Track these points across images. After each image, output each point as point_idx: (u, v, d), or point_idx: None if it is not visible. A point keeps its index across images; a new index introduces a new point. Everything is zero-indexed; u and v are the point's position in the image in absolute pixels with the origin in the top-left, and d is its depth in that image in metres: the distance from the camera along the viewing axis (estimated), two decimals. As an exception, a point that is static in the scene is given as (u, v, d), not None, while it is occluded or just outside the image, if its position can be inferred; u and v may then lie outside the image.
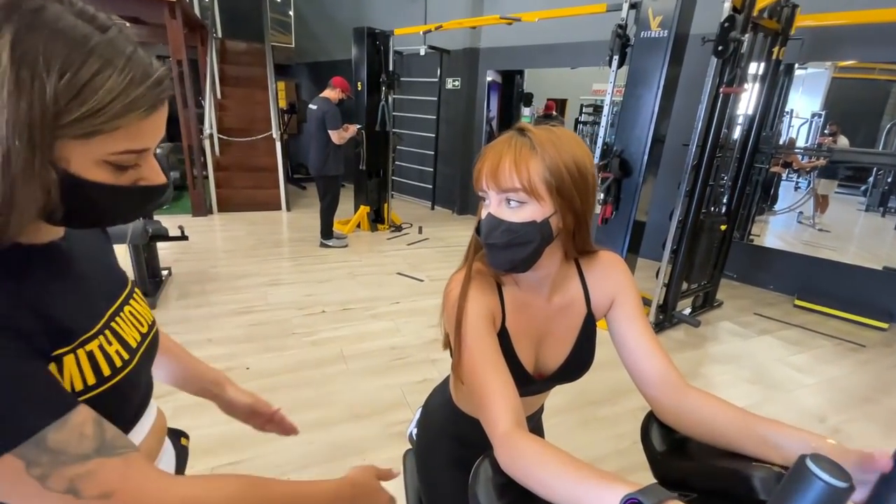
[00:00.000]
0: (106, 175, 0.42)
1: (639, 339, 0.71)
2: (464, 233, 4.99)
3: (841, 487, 0.29)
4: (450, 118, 5.61)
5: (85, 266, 0.52)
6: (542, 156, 0.61)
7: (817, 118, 5.58)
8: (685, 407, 0.64)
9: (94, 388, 0.46)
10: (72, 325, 0.46)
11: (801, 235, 5.15)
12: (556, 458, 0.53)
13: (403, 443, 1.81)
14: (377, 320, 2.86)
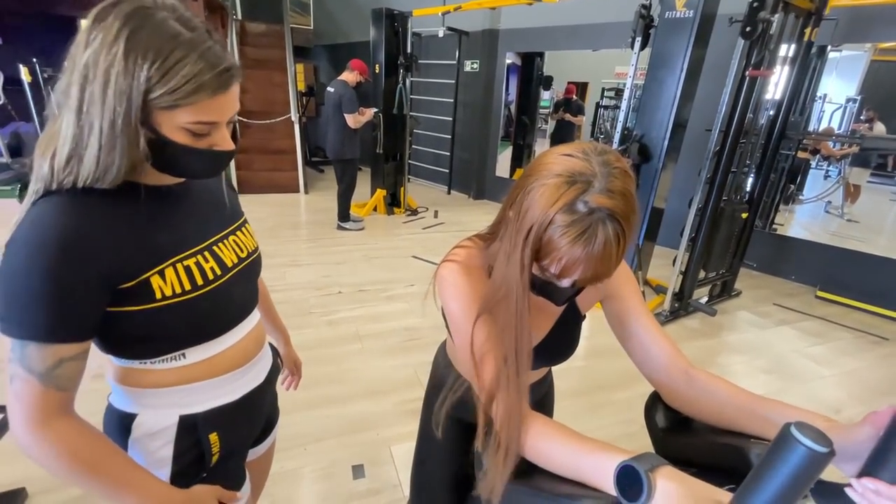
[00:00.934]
0: (186, 138, 0.55)
1: (642, 329, 0.71)
2: (480, 218, 4.99)
3: (821, 452, 0.31)
4: (467, 101, 5.56)
5: (197, 203, 0.68)
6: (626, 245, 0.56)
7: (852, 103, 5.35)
8: (692, 391, 0.65)
9: (189, 293, 0.61)
10: (170, 245, 0.61)
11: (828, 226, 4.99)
12: (556, 429, 0.55)
13: (416, 420, 1.86)
14: (392, 302, 2.91)
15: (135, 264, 0.57)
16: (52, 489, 1.45)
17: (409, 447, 1.72)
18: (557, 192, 0.53)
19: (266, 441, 0.88)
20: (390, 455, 1.69)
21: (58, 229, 0.51)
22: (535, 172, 0.57)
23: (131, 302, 0.57)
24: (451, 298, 0.67)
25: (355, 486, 1.56)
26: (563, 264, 0.55)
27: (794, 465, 0.32)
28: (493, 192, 5.82)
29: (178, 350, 0.64)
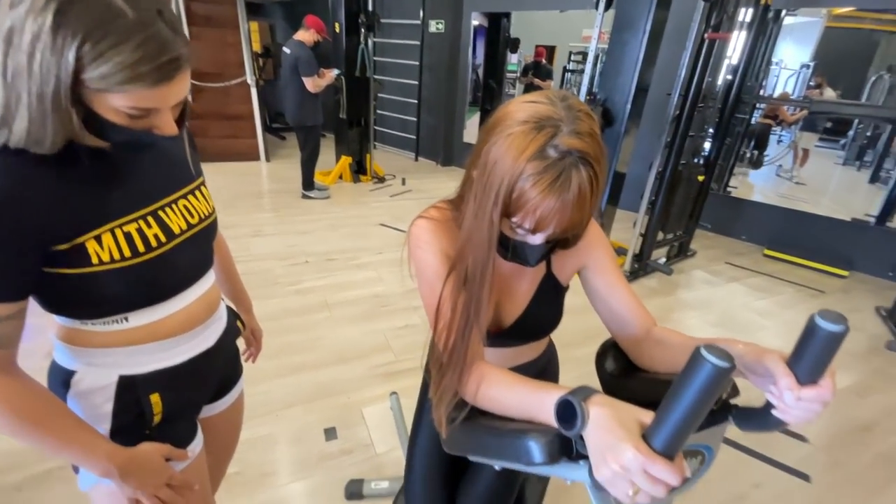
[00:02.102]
0: (122, 120, 0.52)
1: (617, 295, 0.74)
2: (448, 184, 4.96)
3: (724, 367, 0.35)
4: (433, 64, 5.40)
5: (145, 163, 0.65)
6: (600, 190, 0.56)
7: (806, 69, 5.53)
8: (656, 347, 0.68)
9: (127, 259, 0.59)
10: (109, 210, 0.58)
11: (779, 188, 5.25)
12: (505, 376, 0.59)
13: (386, 384, 1.91)
14: (360, 270, 2.90)
15: (69, 227, 0.55)
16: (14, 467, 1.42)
17: (380, 408, 1.77)
18: (526, 139, 0.52)
19: (226, 398, 0.88)
20: (362, 417, 1.73)
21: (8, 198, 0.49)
22: (499, 123, 0.56)
23: (66, 265, 0.56)
24: (422, 253, 0.68)
25: (327, 447, 1.59)
26: (537, 216, 0.55)
27: (702, 380, 0.36)
28: (461, 158, 5.77)
29: (119, 313, 0.63)
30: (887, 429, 1.88)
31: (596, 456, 0.43)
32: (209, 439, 0.82)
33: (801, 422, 0.46)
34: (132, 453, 0.63)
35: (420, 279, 0.71)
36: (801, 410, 0.45)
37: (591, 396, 0.46)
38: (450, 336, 0.63)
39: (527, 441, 0.50)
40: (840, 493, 1.56)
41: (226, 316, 0.83)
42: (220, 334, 0.79)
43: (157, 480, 0.65)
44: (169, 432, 0.70)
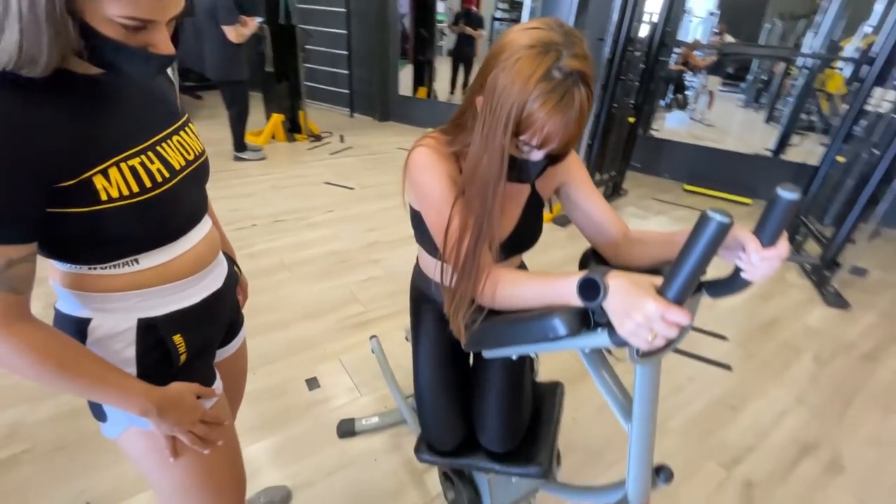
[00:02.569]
0: (117, 33, 0.49)
1: (593, 206, 0.84)
2: (389, 139, 4.86)
3: (726, 222, 0.44)
4: (361, 11, 5.11)
5: (135, 96, 0.62)
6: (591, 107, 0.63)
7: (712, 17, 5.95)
8: (631, 247, 0.79)
9: (136, 195, 0.57)
10: (113, 142, 0.56)
11: (693, 130, 5.74)
12: (519, 274, 0.67)
13: (359, 333, 1.96)
14: (313, 229, 2.84)
15: (75, 160, 0.52)
16: None
17: (358, 355, 1.82)
18: (534, 62, 0.58)
19: (234, 342, 0.89)
20: (341, 365, 1.78)
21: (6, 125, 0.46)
22: (504, 50, 0.61)
23: (74, 203, 0.53)
24: (428, 178, 0.72)
25: (312, 396, 1.63)
26: (545, 133, 0.61)
27: (709, 234, 0.45)
28: (399, 112, 5.64)
29: (129, 256, 0.61)
30: (785, 323, 2.26)
31: (619, 315, 0.52)
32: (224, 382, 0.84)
33: (763, 278, 0.58)
34: (165, 391, 0.64)
35: (425, 202, 0.75)
36: (765, 268, 0.57)
37: (608, 271, 0.54)
38: (461, 251, 0.69)
39: (551, 319, 0.58)
40: (755, 376, 1.89)
41: (225, 260, 0.83)
42: (225, 277, 0.79)
43: (191, 417, 0.66)
44: (194, 372, 0.71)
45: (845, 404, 1.77)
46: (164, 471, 0.70)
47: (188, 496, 0.74)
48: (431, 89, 5.87)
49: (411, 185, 0.77)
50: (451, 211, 0.70)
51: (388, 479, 1.36)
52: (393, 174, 3.87)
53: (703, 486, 1.41)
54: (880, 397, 1.82)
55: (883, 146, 2.43)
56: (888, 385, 1.90)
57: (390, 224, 2.96)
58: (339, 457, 1.42)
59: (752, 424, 1.65)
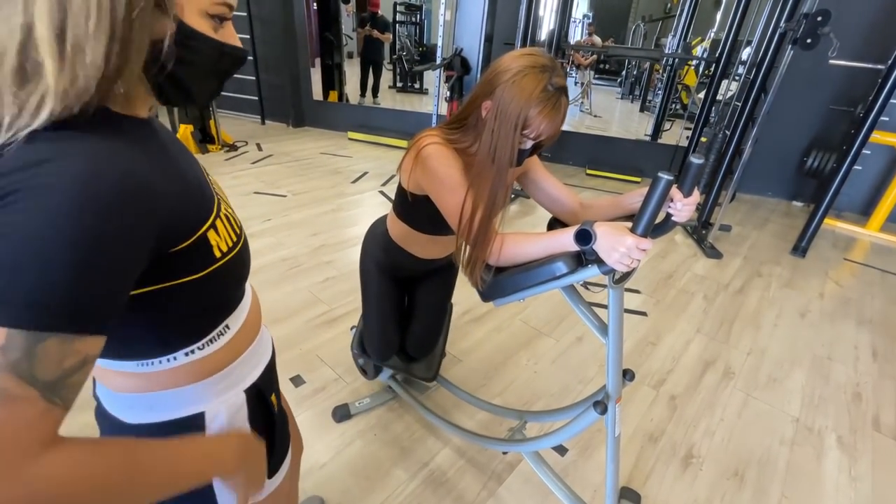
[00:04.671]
0: (208, 28, 0.44)
1: (550, 185, 1.10)
2: (308, 145, 4.83)
3: (671, 178, 0.70)
4: (264, 17, 4.99)
5: (171, 139, 0.53)
6: None
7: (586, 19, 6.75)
8: (587, 213, 1.06)
9: (235, 245, 0.51)
10: (207, 193, 0.50)
11: (584, 121, 6.48)
12: (519, 234, 0.89)
13: (331, 329, 2.05)
14: (256, 239, 2.81)
15: (190, 215, 0.46)
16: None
17: (335, 348, 1.92)
18: (535, 79, 0.81)
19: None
20: (320, 360, 1.86)
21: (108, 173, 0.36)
22: (507, 70, 0.84)
23: (191, 267, 0.46)
24: (446, 167, 0.91)
25: (300, 391, 1.71)
26: (541, 130, 0.85)
27: (661, 187, 0.70)
28: (313, 117, 5.59)
29: (221, 323, 0.54)
30: (679, 274, 2.79)
31: (606, 251, 0.76)
32: None
33: (685, 219, 0.87)
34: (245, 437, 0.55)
35: (441, 186, 0.93)
36: (686, 211, 0.85)
37: (595, 221, 0.78)
38: (474, 223, 0.88)
39: (555, 262, 0.81)
40: (664, 317, 2.34)
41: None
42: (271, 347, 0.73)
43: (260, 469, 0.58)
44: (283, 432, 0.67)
45: (729, 328, 2.28)
46: None
47: None
48: (343, 92, 5.90)
49: (424, 172, 0.94)
50: (466, 194, 0.89)
51: (389, 447, 1.51)
52: (322, 179, 3.89)
53: (641, 404, 1.77)
54: (751, 319, 2.37)
55: (731, 127, 3.08)
56: (754, 310, 2.47)
57: (333, 227, 3.02)
58: (341, 438, 1.53)
59: (668, 353, 2.07)
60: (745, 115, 2.99)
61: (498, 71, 0.85)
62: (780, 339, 2.22)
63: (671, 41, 5.25)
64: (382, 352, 1.39)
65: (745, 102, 2.99)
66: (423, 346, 1.43)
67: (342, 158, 4.50)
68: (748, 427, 1.69)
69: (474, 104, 0.91)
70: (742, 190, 4.26)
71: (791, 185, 4.23)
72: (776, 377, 1.96)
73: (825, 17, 2.40)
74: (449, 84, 3.20)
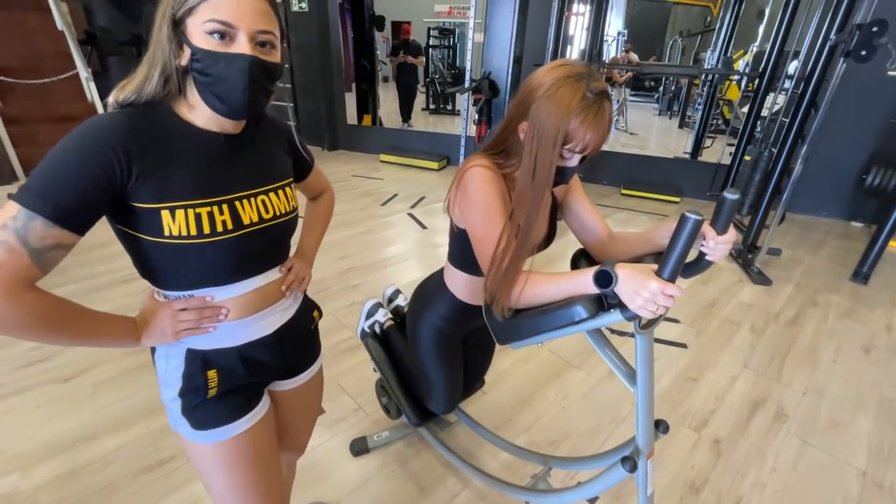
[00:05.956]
0: (210, 44, 0.60)
1: (585, 211, 1.03)
2: (341, 168, 4.94)
3: (700, 219, 0.62)
4: (302, 45, 5.20)
5: (239, 158, 0.71)
6: None
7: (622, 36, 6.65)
8: (614, 245, 0.98)
9: (195, 237, 0.64)
10: (191, 189, 0.64)
11: (619, 139, 6.32)
12: (543, 274, 0.82)
13: (353, 356, 2.03)
14: (285, 262, 2.85)
15: (153, 184, 0.61)
16: None
17: (357, 377, 1.89)
18: (572, 88, 0.76)
19: (298, 377, 0.90)
20: (341, 388, 1.83)
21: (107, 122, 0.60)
22: (540, 86, 0.78)
23: (144, 229, 0.62)
24: (482, 191, 0.85)
25: (321, 420, 1.68)
26: (586, 140, 0.78)
27: (688, 229, 0.63)
28: (347, 141, 5.73)
29: (186, 289, 0.70)
30: (724, 302, 2.60)
31: (629, 295, 0.69)
32: (284, 411, 0.89)
33: (720, 258, 0.78)
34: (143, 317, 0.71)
35: (475, 213, 0.86)
36: (721, 250, 0.76)
37: (616, 263, 0.71)
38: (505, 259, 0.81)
39: (574, 306, 0.74)
40: (707, 350, 2.17)
41: (295, 308, 0.85)
42: (279, 326, 0.81)
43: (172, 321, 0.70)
44: (223, 404, 0.75)
45: (780, 363, 2.09)
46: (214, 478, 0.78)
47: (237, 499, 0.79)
48: (376, 116, 6.03)
49: (464, 196, 0.88)
50: (502, 226, 0.82)
51: (407, 486, 1.45)
52: (353, 202, 3.95)
53: (681, 448, 1.62)
54: (806, 354, 2.17)
55: (778, 145, 2.89)
56: (810, 343, 2.25)
57: (361, 250, 3.04)
58: (358, 473, 1.48)
59: (711, 390, 1.90)
60: (793, 132, 2.80)
61: (531, 88, 0.80)
62: (841, 378, 2.01)
63: (711, 56, 5.07)
64: (449, 406, 1.29)
65: (793, 118, 2.80)
66: (475, 383, 1.47)
67: (373, 181, 4.56)
68: (805, 480, 1.52)
69: (510, 127, 0.86)
70: (793, 210, 3.99)
71: (849, 205, 3.92)
72: (837, 422, 1.76)
73: (882, 27, 2.23)
74: (477, 107, 3.19)
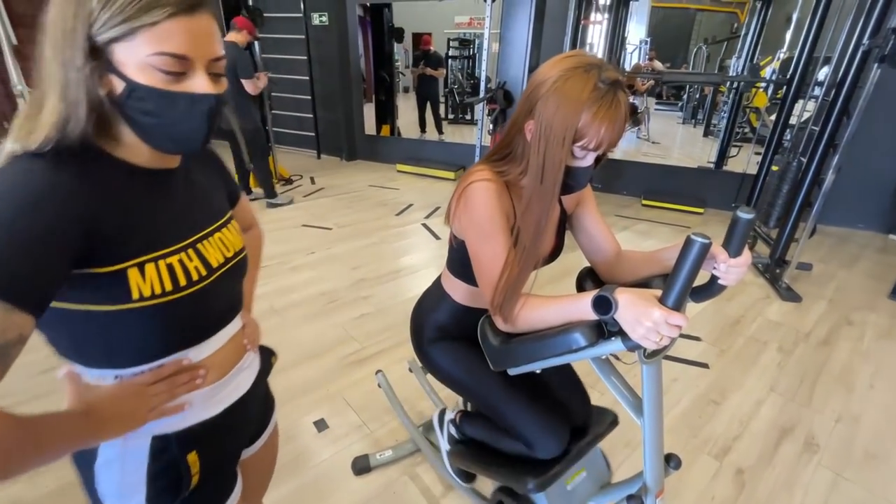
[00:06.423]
0: (155, 80, 0.47)
1: (594, 226, 0.98)
2: (358, 178, 4.97)
3: (706, 242, 0.57)
4: (322, 58, 5.30)
5: (187, 194, 0.61)
6: None
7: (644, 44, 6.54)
8: (622, 264, 0.93)
9: (171, 293, 0.53)
10: (156, 238, 0.54)
11: (641, 148, 6.19)
12: (539, 298, 0.77)
13: (359, 370, 2.00)
14: (298, 272, 2.87)
15: (114, 246, 0.49)
16: None
17: (362, 392, 1.86)
18: (581, 79, 0.69)
19: (262, 437, 0.81)
20: (346, 403, 1.81)
21: (35, 179, 0.45)
22: (545, 80, 0.72)
23: (104, 297, 0.49)
24: (489, 211, 0.79)
25: (322, 437, 1.65)
26: (601, 135, 0.71)
27: (694, 254, 0.57)
28: (365, 151, 5.78)
29: (151, 361, 0.56)
30: (749, 319, 2.47)
31: (630, 324, 0.63)
32: (247, 476, 0.77)
33: (735, 282, 0.72)
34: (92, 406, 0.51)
35: (476, 232, 0.81)
36: (735, 274, 0.70)
37: (616, 288, 0.66)
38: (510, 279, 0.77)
39: (572, 333, 0.69)
40: (730, 371, 2.06)
41: (258, 361, 0.77)
42: (255, 378, 0.74)
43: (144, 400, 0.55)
44: (208, 491, 0.65)
45: (811, 387, 1.96)
46: None
47: None
48: (395, 126, 6.07)
49: (465, 211, 0.82)
50: (505, 245, 0.78)
51: (409, 509, 1.40)
52: (368, 212, 3.96)
53: (700, 477, 1.53)
54: (839, 377, 2.03)
55: (809, 155, 2.75)
56: (844, 365, 2.11)
57: (373, 260, 3.03)
58: (358, 494, 1.44)
59: (734, 415, 1.79)
60: (824, 141, 2.66)
61: (536, 83, 0.74)
62: (880, 405, 1.87)
63: (736, 63, 4.92)
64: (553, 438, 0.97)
65: (823, 126, 2.67)
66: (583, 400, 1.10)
67: (389, 191, 4.58)
68: (838, 517, 1.40)
69: (516, 128, 0.80)
70: (826, 222, 3.80)
71: (888, 216, 3.71)
72: (875, 453, 1.63)
73: (920, 30, 2.10)
74: (492, 117, 3.18)
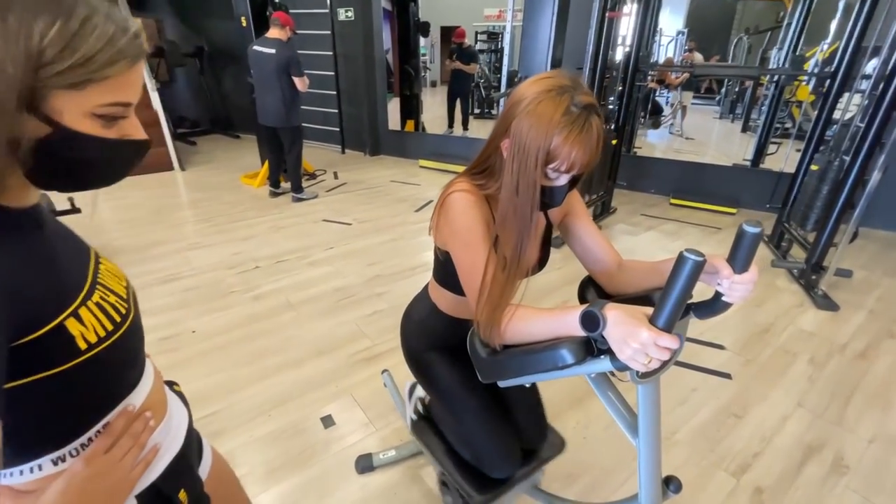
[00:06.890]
0: (95, 128, 0.43)
1: (589, 236, 0.93)
2: (381, 173, 5.00)
3: (700, 260, 0.52)
4: (347, 53, 5.33)
5: (62, 228, 0.54)
6: None
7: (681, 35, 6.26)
8: (622, 275, 0.88)
9: (112, 333, 0.48)
10: (71, 281, 0.48)
11: (673, 144, 5.95)
12: (528, 310, 0.74)
13: (369, 368, 2.01)
14: (315, 267, 2.90)
15: (42, 303, 0.43)
16: None
17: (370, 390, 1.87)
18: (554, 102, 0.69)
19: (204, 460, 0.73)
20: (354, 400, 1.81)
21: None
22: (522, 100, 0.72)
23: (48, 361, 0.43)
24: (468, 221, 0.78)
25: (328, 433, 1.67)
26: (571, 158, 0.71)
27: (686, 272, 0.53)
28: (389, 146, 5.80)
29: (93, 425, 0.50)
30: (779, 328, 2.34)
31: (618, 343, 0.59)
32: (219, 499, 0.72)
33: (740, 300, 0.66)
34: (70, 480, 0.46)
35: (457, 242, 0.80)
36: (740, 291, 0.65)
37: (605, 304, 0.62)
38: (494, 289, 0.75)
39: (559, 349, 0.66)
40: (755, 383, 1.95)
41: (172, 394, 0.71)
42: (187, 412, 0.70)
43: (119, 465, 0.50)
44: None
45: (844, 404, 1.83)
46: None
47: None
48: (419, 122, 6.06)
49: (445, 222, 0.82)
50: (487, 253, 0.76)
51: (409, 511, 1.39)
52: (388, 207, 3.97)
53: (715, 495, 1.45)
54: (877, 395, 1.89)
55: (853, 153, 2.56)
56: (883, 382, 1.96)
57: (390, 257, 3.03)
58: (360, 493, 1.44)
59: (757, 430, 1.70)
60: (870, 138, 2.47)
61: (512, 102, 0.74)
62: (920, 426, 1.73)
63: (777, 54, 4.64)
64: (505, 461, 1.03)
65: (870, 122, 2.47)
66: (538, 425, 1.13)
67: (410, 186, 4.57)
68: (865, 547, 1.31)
69: (493, 144, 0.80)
70: (870, 225, 3.55)
71: (942, 220, 3.43)
72: (912, 479, 1.51)
73: (984, 17, 1.90)
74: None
